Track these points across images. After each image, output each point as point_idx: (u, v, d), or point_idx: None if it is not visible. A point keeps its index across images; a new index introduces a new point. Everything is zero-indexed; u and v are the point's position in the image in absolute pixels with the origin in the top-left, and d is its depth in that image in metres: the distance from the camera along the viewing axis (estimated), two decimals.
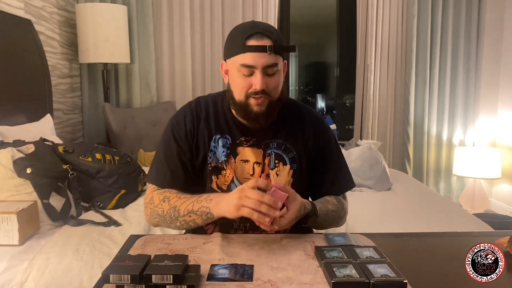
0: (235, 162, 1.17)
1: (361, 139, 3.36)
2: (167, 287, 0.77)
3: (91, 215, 1.81)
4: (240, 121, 1.18)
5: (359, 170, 2.38)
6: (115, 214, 1.83)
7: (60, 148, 1.91)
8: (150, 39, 3.27)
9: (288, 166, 1.19)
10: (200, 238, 1.06)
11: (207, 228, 1.17)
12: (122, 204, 1.95)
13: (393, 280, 0.80)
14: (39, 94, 2.51)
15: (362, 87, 3.47)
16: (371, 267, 0.84)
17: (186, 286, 0.78)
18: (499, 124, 3.47)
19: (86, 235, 1.60)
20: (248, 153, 1.18)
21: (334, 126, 3.05)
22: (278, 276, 0.86)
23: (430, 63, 3.43)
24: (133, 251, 0.99)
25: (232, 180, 1.17)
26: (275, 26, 3.32)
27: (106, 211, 1.87)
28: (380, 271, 0.83)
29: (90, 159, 1.93)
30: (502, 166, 3.26)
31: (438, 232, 1.20)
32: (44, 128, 2.32)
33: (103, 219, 1.76)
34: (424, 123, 3.50)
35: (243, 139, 1.18)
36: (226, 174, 1.17)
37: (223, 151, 1.17)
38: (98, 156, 1.96)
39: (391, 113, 3.49)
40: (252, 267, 0.89)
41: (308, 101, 5.66)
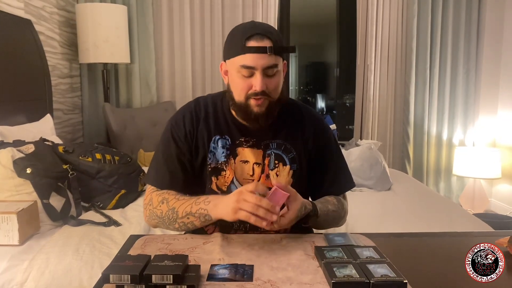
0: (234, 163, 1.17)
1: (361, 139, 3.36)
2: (167, 287, 0.77)
3: (91, 215, 1.81)
4: (240, 121, 1.18)
5: (359, 170, 2.38)
6: (115, 214, 1.83)
7: (60, 148, 1.91)
8: (150, 39, 3.27)
9: (288, 167, 1.19)
10: (200, 238, 1.06)
11: (207, 229, 1.17)
12: (122, 204, 1.95)
13: (393, 280, 0.80)
14: (39, 94, 2.51)
15: (362, 87, 3.47)
16: (371, 267, 0.84)
17: (186, 286, 0.78)
18: (499, 124, 3.47)
19: (86, 235, 1.60)
20: (247, 153, 1.18)
21: (334, 126, 3.05)
22: (278, 276, 0.86)
23: (430, 63, 3.43)
24: (133, 251, 0.99)
25: (232, 181, 1.17)
26: (275, 26, 3.32)
27: (106, 211, 1.87)
28: (380, 271, 0.83)
29: (90, 159, 1.93)
30: (502, 166, 3.26)
31: (438, 232, 1.20)
32: (44, 128, 2.32)
33: (103, 219, 1.76)
34: (424, 123, 3.50)
35: (243, 139, 1.18)
36: (226, 175, 1.17)
37: (223, 152, 1.17)
38: (98, 156, 1.96)
39: (391, 113, 3.49)
40: (252, 267, 0.89)
41: (308, 101, 5.66)
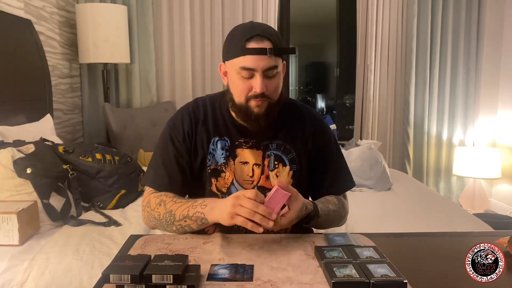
0: (234, 164, 1.17)
1: (361, 139, 3.36)
2: (167, 287, 0.77)
3: (91, 215, 1.81)
4: (239, 122, 1.17)
5: (359, 170, 2.38)
6: (115, 214, 1.84)
7: (60, 148, 1.91)
8: (150, 39, 3.27)
9: (287, 167, 1.18)
10: (200, 238, 1.06)
11: (207, 229, 1.16)
12: (122, 204, 1.95)
13: (393, 280, 0.80)
14: (39, 94, 2.51)
15: (362, 87, 3.47)
16: (371, 267, 0.84)
17: (186, 286, 0.77)
18: (499, 124, 3.47)
19: (86, 235, 1.60)
20: (247, 154, 1.17)
21: (334, 126, 3.05)
22: (278, 276, 0.86)
23: (430, 63, 3.43)
24: (133, 251, 0.99)
25: (232, 183, 1.17)
26: (275, 26, 3.32)
27: (106, 211, 1.87)
28: (380, 271, 0.83)
29: (90, 159, 1.93)
30: (502, 166, 3.26)
31: (438, 232, 1.20)
32: (44, 128, 2.32)
33: (103, 219, 1.76)
34: (424, 123, 3.50)
35: (242, 140, 1.18)
36: (226, 177, 1.17)
37: (222, 154, 1.17)
38: (98, 156, 1.96)
39: (391, 113, 3.49)
40: (252, 267, 0.89)
41: (308, 101, 5.66)
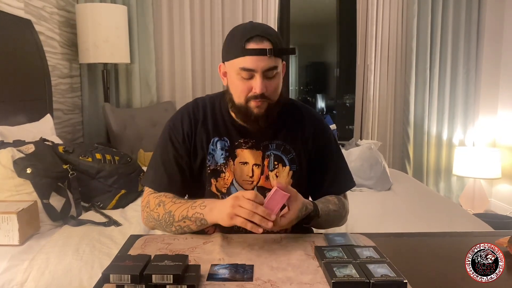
0: (234, 165, 1.17)
1: (361, 139, 3.36)
2: (167, 287, 0.77)
3: (91, 215, 1.81)
4: (239, 123, 1.17)
5: (359, 170, 2.38)
6: (115, 214, 1.84)
7: (60, 148, 1.91)
8: (150, 39, 3.27)
9: (287, 167, 1.18)
10: (200, 238, 1.06)
11: (207, 230, 1.16)
12: (122, 204, 1.95)
13: (393, 280, 0.80)
14: (39, 94, 2.51)
15: (362, 87, 3.47)
16: (371, 267, 0.84)
17: (186, 286, 0.77)
18: (499, 124, 3.47)
19: (86, 235, 1.60)
20: (247, 155, 1.17)
21: (334, 126, 3.05)
22: (278, 276, 0.86)
23: (430, 63, 3.43)
24: (133, 251, 0.99)
25: (231, 183, 1.17)
26: (275, 26, 3.32)
27: (106, 211, 1.87)
28: (380, 271, 0.83)
29: (90, 159, 1.93)
30: (502, 166, 3.26)
31: (438, 232, 1.20)
32: (44, 128, 2.32)
33: (103, 219, 1.76)
34: (424, 123, 3.50)
35: (242, 141, 1.18)
36: (225, 177, 1.17)
37: (222, 154, 1.17)
38: (98, 156, 1.96)
39: (391, 113, 3.49)
40: (252, 267, 0.89)
41: (308, 101, 5.66)
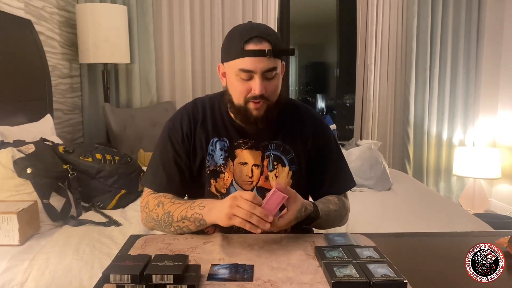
0: (233, 165, 1.17)
1: (361, 139, 3.36)
2: (168, 287, 0.77)
3: (91, 215, 1.81)
4: (238, 123, 1.17)
5: (359, 170, 2.38)
6: (115, 214, 1.84)
7: (60, 148, 1.91)
8: (150, 39, 3.27)
9: (287, 168, 1.18)
10: (200, 238, 1.06)
11: (207, 230, 1.16)
12: (122, 204, 1.95)
13: (393, 280, 0.80)
14: (39, 94, 2.51)
15: (362, 87, 3.47)
16: (371, 267, 0.84)
17: (186, 286, 0.77)
18: (499, 124, 3.47)
19: (86, 235, 1.60)
20: (246, 155, 1.17)
21: (334, 126, 3.05)
22: (278, 276, 0.86)
23: (430, 63, 3.43)
24: (133, 251, 0.99)
25: (231, 183, 1.17)
26: (275, 26, 3.32)
27: (106, 211, 1.87)
28: (380, 271, 0.83)
29: (90, 159, 1.94)
30: (502, 166, 3.26)
31: (438, 232, 1.20)
32: (44, 128, 2.32)
33: (103, 219, 1.76)
34: (424, 123, 3.50)
35: (241, 141, 1.18)
36: (225, 178, 1.17)
37: (221, 154, 1.16)
38: (98, 156, 1.96)
39: (391, 113, 3.49)
40: (252, 267, 0.89)
41: (308, 101, 5.66)
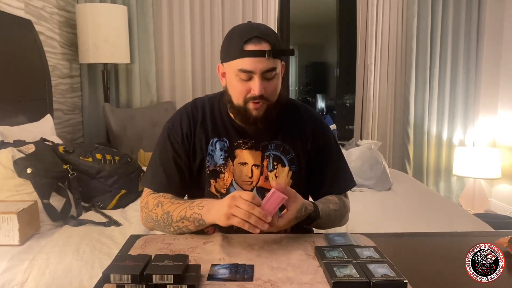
0: (233, 165, 1.17)
1: (361, 139, 3.36)
2: (168, 287, 0.77)
3: (92, 215, 1.81)
4: (238, 123, 1.17)
5: (359, 170, 2.38)
6: (115, 214, 1.84)
7: (61, 148, 1.91)
8: (150, 39, 3.27)
9: (287, 168, 1.18)
10: (201, 238, 1.06)
11: (207, 230, 1.16)
12: (122, 204, 1.95)
13: (393, 280, 0.80)
14: (39, 94, 2.51)
15: (362, 87, 3.47)
16: (371, 267, 0.84)
17: (186, 286, 0.77)
18: (499, 124, 3.47)
19: (87, 235, 1.61)
20: (246, 155, 1.17)
21: (334, 126, 3.05)
22: (278, 276, 0.86)
23: (430, 63, 3.43)
24: (133, 251, 0.99)
25: (231, 184, 1.17)
26: (275, 26, 3.33)
27: (107, 211, 1.87)
28: (380, 271, 0.83)
29: (90, 159, 1.94)
30: (502, 166, 3.26)
31: (438, 232, 1.20)
32: (44, 128, 2.32)
33: (104, 219, 1.76)
34: (424, 123, 3.50)
35: (241, 141, 1.18)
36: (225, 178, 1.17)
37: (221, 155, 1.16)
38: (98, 156, 1.96)
39: (391, 113, 3.49)
40: (252, 267, 0.89)
41: (308, 101, 5.66)
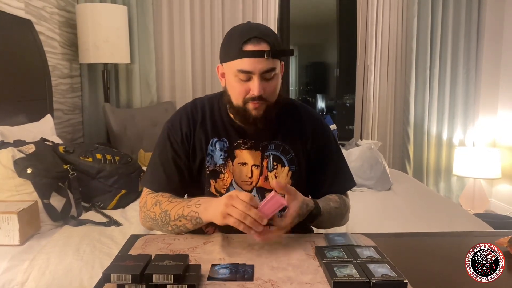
0: (233, 165, 1.17)
1: (361, 139, 3.36)
2: (168, 286, 0.77)
3: (92, 215, 1.81)
4: (237, 123, 1.17)
5: (359, 170, 2.38)
6: (115, 214, 1.84)
7: (61, 148, 1.91)
8: (150, 39, 3.27)
9: (286, 168, 1.18)
10: (201, 238, 1.06)
11: (207, 230, 1.17)
12: (122, 204, 1.95)
13: (393, 279, 0.80)
14: (40, 94, 2.51)
15: (362, 87, 3.47)
16: (371, 266, 0.85)
17: (187, 285, 0.78)
18: (499, 124, 3.47)
19: (87, 235, 1.61)
20: (246, 155, 1.17)
21: (334, 126, 3.05)
22: (278, 275, 0.86)
23: (430, 63, 3.43)
24: (133, 251, 0.99)
25: (230, 184, 1.17)
26: (275, 26, 3.33)
27: (107, 211, 1.87)
28: (380, 270, 0.83)
29: (90, 159, 1.94)
30: (502, 166, 3.26)
31: (438, 232, 1.20)
32: (45, 128, 2.32)
33: (104, 219, 1.76)
34: (424, 123, 3.50)
35: (241, 141, 1.18)
36: (225, 178, 1.17)
37: (221, 155, 1.16)
38: (99, 156, 1.96)
39: (391, 113, 3.50)
40: (252, 266, 0.89)
41: (308, 101, 5.67)
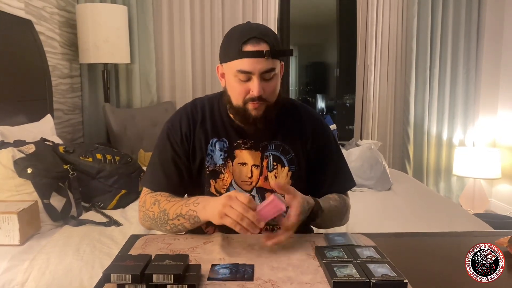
0: (233, 165, 1.17)
1: (361, 139, 3.36)
2: (168, 286, 0.77)
3: (92, 215, 1.81)
4: (237, 123, 1.17)
5: (359, 170, 2.38)
6: (115, 214, 1.84)
7: (61, 148, 1.91)
8: (150, 39, 3.27)
9: (286, 168, 1.18)
10: (201, 238, 1.07)
11: (207, 230, 1.17)
12: (122, 204, 1.95)
13: (393, 279, 0.80)
14: (40, 94, 2.51)
15: (362, 87, 3.47)
16: (371, 266, 0.85)
17: (187, 285, 0.78)
18: (499, 124, 3.47)
19: (87, 235, 1.61)
20: (245, 155, 1.17)
21: (334, 126, 3.05)
22: (278, 275, 0.86)
23: (430, 63, 3.43)
24: (134, 251, 0.99)
25: (230, 184, 1.17)
26: (275, 26, 3.33)
27: (107, 211, 1.87)
28: (380, 270, 0.83)
29: (90, 159, 1.94)
30: (502, 166, 3.26)
31: (438, 232, 1.20)
32: (45, 128, 2.32)
33: (104, 219, 1.76)
34: (424, 123, 3.50)
35: (241, 141, 1.18)
36: (224, 178, 1.17)
37: (221, 155, 1.17)
38: (99, 156, 1.96)
39: (391, 113, 3.50)
40: (252, 266, 0.89)
41: (308, 101, 5.67)
